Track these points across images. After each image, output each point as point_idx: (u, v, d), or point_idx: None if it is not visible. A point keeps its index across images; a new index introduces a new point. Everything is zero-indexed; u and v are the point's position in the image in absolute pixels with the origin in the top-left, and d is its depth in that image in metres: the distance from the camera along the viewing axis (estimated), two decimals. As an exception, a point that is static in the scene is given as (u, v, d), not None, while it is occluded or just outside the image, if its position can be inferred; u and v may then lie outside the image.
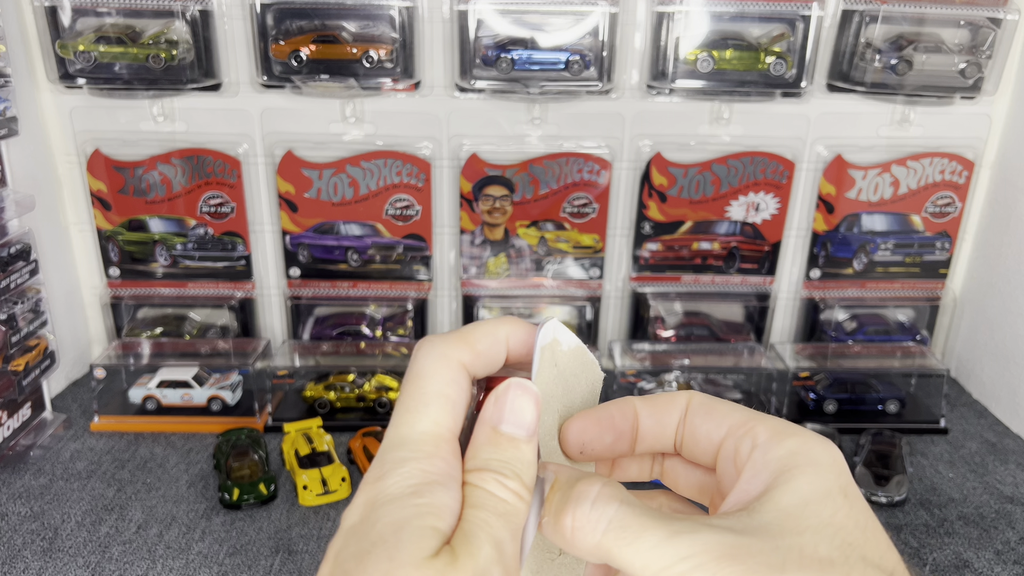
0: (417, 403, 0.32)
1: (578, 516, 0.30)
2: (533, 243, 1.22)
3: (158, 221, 1.19)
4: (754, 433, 0.32)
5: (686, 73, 1.10)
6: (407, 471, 0.30)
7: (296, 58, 1.07)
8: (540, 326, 0.36)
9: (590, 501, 0.30)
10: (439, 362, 0.33)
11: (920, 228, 1.23)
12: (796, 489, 0.30)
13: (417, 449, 0.31)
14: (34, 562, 0.82)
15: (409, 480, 0.29)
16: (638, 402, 0.37)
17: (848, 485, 0.31)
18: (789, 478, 0.30)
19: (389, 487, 0.29)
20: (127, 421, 1.10)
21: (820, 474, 0.30)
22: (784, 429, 0.32)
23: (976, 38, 1.11)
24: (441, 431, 0.32)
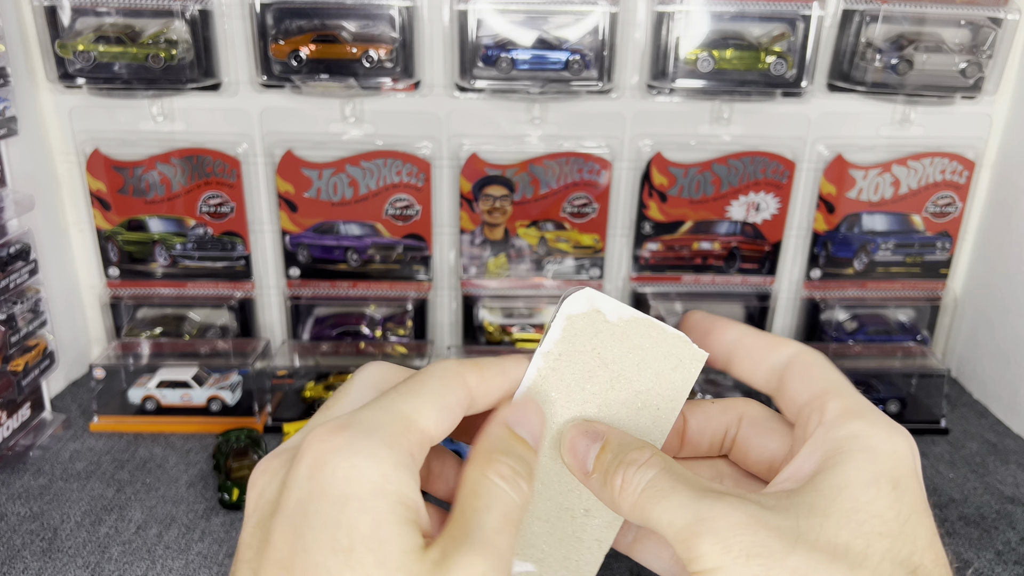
0: (410, 390, 0.32)
1: (627, 477, 0.32)
2: (533, 243, 1.22)
3: (157, 221, 1.19)
4: (824, 409, 0.32)
5: (686, 73, 1.10)
6: (376, 450, 0.28)
7: (296, 58, 1.07)
8: (567, 293, 0.34)
9: (637, 465, 0.32)
10: (448, 371, 0.33)
11: (921, 228, 1.23)
12: (841, 473, 0.30)
13: (392, 427, 0.30)
14: (33, 562, 0.82)
15: (379, 464, 0.28)
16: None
17: (904, 477, 0.30)
18: (838, 461, 0.30)
19: (355, 466, 0.28)
20: (126, 421, 1.09)
21: (873, 461, 0.30)
22: (854, 408, 0.32)
23: (977, 38, 1.11)
24: (425, 424, 0.31)
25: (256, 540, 0.29)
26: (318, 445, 0.28)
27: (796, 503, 0.29)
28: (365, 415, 0.30)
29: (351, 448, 0.28)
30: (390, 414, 0.30)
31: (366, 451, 0.28)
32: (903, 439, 0.31)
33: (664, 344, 0.35)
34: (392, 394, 0.31)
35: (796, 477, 0.31)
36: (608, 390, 0.35)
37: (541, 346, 0.35)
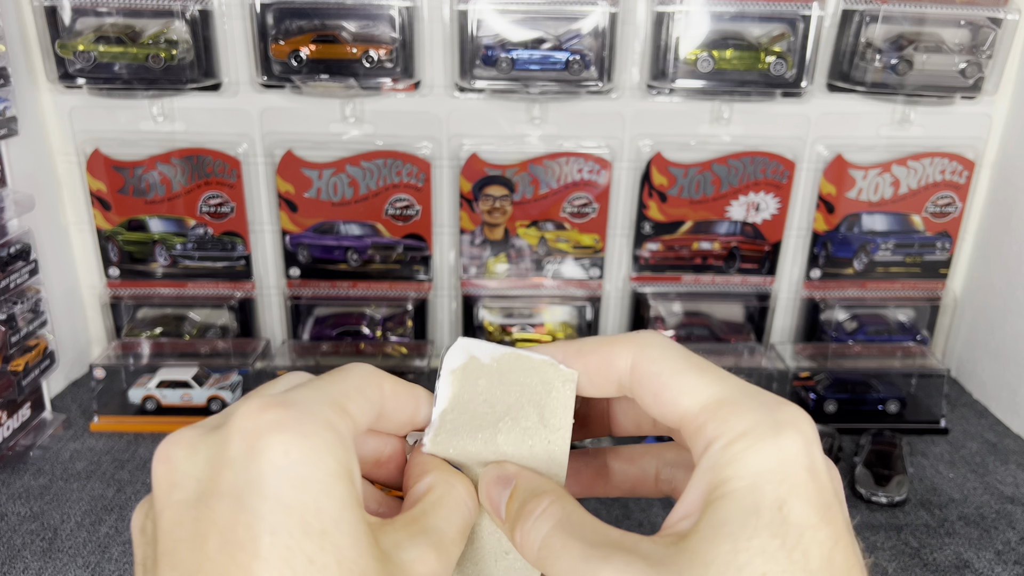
0: (334, 379, 0.31)
1: (524, 531, 0.31)
2: (533, 243, 1.22)
3: (158, 221, 1.19)
4: (702, 429, 0.30)
5: (686, 73, 1.10)
6: (323, 431, 0.28)
7: (296, 58, 1.07)
8: (445, 351, 0.35)
9: (533, 518, 0.31)
10: (367, 371, 0.33)
11: (920, 228, 1.23)
12: (721, 509, 0.28)
13: (329, 409, 0.29)
14: (34, 562, 0.82)
15: (331, 445, 0.28)
16: (568, 357, 0.35)
17: (792, 488, 0.27)
18: (718, 495, 0.28)
19: (310, 447, 0.27)
20: (127, 421, 1.09)
21: (752, 487, 0.27)
22: (730, 420, 0.29)
23: (976, 38, 1.11)
24: (353, 411, 0.31)
25: (188, 521, 0.27)
26: (256, 422, 0.27)
27: (682, 551, 0.28)
28: (298, 396, 0.29)
29: (300, 428, 0.27)
30: (324, 396, 0.29)
31: (315, 432, 0.27)
32: (790, 436, 0.28)
33: (535, 372, 0.35)
34: (317, 381, 0.31)
35: (688, 515, 0.30)
36: (498, 433, 0.34)
37: (435, 405, 0.35)
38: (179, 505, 0.27)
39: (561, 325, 1.27)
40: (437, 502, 0.32)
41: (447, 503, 0.32)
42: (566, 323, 1.27)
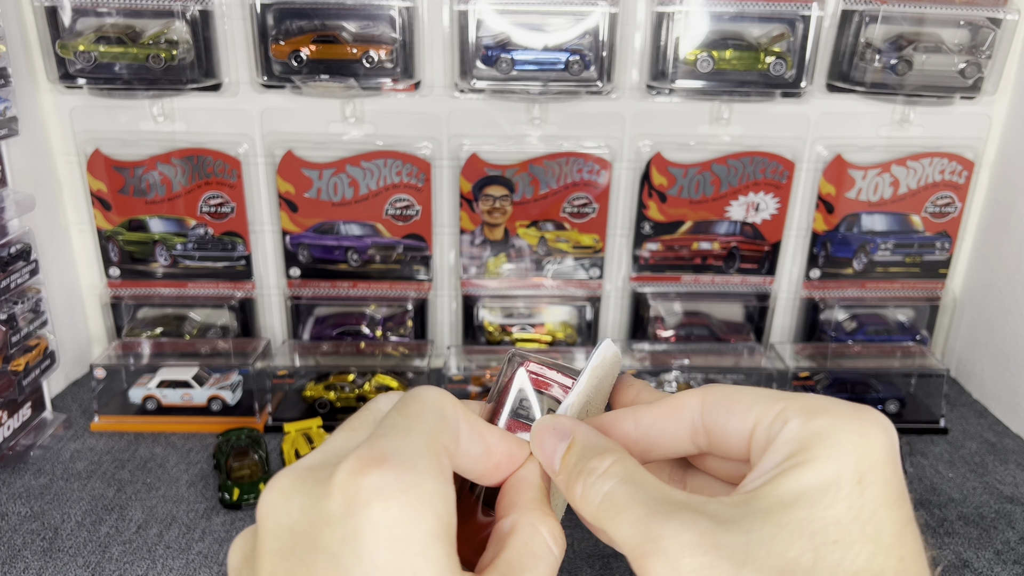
0: (441, 417, 0.32)
1: (586, 487, 0.31)
2: (533, 243, 1.22)
3: (158, 221, 1.19)
4: (784, 416, 0.30)
5: (686, 73, 1.10)
6: (423, 485, 0.28)
7: (296, 58, 1.07)
8: (598, 346, 0.38)
9: (596, 475, 0.31)
10: (474, 421, 0.34)
11: (920, 228, 1.23)
12: (800, 475, 0.28)
13: (430, 456, 0.29)
14: (34, 562, 0.82)
15: (429, 502, 0.28)
16: (638, 414, 0.36)
17: (872, 469, 0.28)
18: (798, 463, 0.29)
19: (407, 505, 0.27)
20: (127, 421, 1.10)
21: (833, 459, 0.28)
22: (817, 407, 0.30)
23: (976, 38, 1.11)
24: (456, 452, 0.32)
25: (283, 574, 0.27)
26: (356, 481, 0.27)
27: (753, 512, 0.28)
28: (396, 445, 0.28)
29: (399, 484, 0.27)
30: (422, 440, 0.29)
31: (416, 486, 0.27)
32: (875, 427, 0.29)
33: (617, 367, 0.40)
34: (410, 420, 0.31)
35: (756, 482, 0.30)
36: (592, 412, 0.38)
37: (575, 391, 0.37)
38: (275, 556, 0.28)
39: (561, 325, 1.27)
40: (523, 547, 0.32)
41: (532, 548, 0.32)
42: (566, 323, 1.28)
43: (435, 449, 0.30)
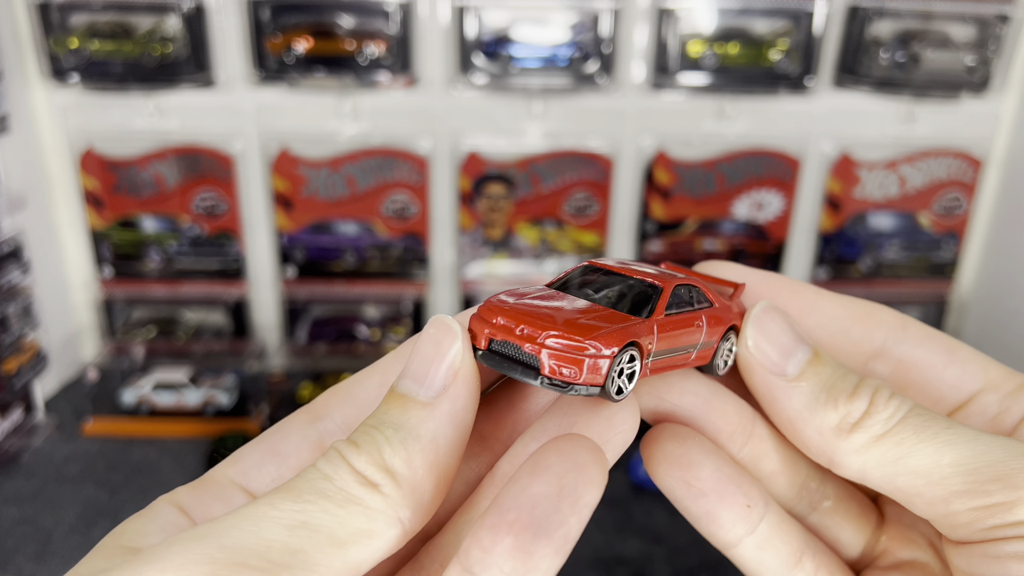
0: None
1: (876, 407, 0.30)
2: (533, 242, 1.20)
3: (151, 220, 1.17)
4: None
5: (690, 69, 1.08)
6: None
7: (292, 54, 1.06)
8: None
9: (887, 396, 0.31)
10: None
11: (927, 227, 1.21)
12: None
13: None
14: (27, 566, 0.81)
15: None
16: (822, 300, 0.35)
17: None
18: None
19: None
20: (120, 424, 1.08)
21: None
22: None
23: (984, 34, 1.09)
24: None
25: None
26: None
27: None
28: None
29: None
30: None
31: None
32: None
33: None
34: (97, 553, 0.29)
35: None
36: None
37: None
38: None
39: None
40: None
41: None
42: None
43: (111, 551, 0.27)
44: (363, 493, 0.26)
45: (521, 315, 0.31)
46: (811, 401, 0.31)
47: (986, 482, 0.27)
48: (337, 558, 0.26)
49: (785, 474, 0.36)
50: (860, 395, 0.30)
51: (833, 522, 0.37)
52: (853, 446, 0.30)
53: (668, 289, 0.33)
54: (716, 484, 0.33)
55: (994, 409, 0.32)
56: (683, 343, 0.33)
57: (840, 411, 0.30)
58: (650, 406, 0.35)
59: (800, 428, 0.31)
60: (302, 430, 0.33)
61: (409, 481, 0.27)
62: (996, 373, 0.33)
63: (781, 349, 0.32)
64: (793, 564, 0.33)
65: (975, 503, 0.27)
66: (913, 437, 0.29)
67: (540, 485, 0.25)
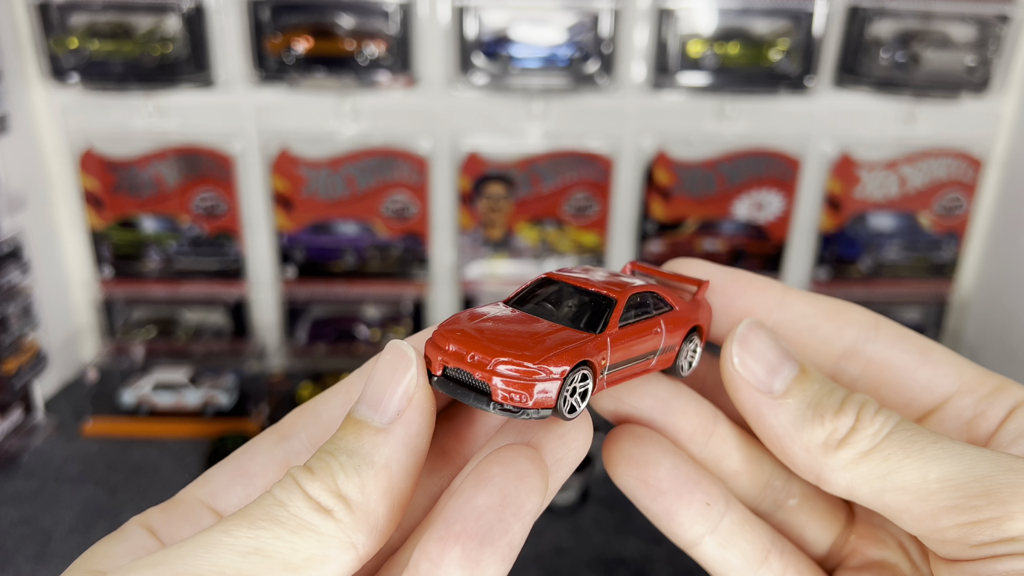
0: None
1: (863, 424, 0.30)
2: (533, 242, 1.20)
3: (151, 220, 1.17)
4: (1008, 398, 0.31)
5: (690, 69, 1.08)
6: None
7: (292, 54, 1.05)
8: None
9: (873, 412, 0.31)
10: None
11: (927, 227, 1.21)
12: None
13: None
14: (26, 566, 0.81)
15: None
16: (789, 297, 0.35)
17: None
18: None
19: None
20: (120, 424, 1.08)
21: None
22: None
23: (983, 35, 1.09)
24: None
25: None
26: None
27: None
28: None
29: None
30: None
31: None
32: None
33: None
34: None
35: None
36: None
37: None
38: None
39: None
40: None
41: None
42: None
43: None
44: (316, 519, 0.27)
45: (472, 341, 0.31)
46: (797, 418, 0.31)
47: (973, 497, 0.27)
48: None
49: (748, 472, 0.36)
50: (846, 411, 0.30)
51: (799, 520, 0.37)
52: (840, 462, 0.30)
53: (622, 301, 0.33)
54: (674, 483, 0.33)
55: (969, 413, 0.32)
56: (641, 351, 0.33)
57: (827, 427, 0.30)
58: (610, 408, 0.35)
59: (787, 445, 0.31)
60: (269, 450, 0.34)
61: (363, 507, 0.28)
62: (971, 375, 0.32)
63: (767, 366, 0.32)
64: (759, 563, 0.33)
65: (963, 519, 0.27)
66: (899, 452, 0.29)
67: (484, 496, 0.26)
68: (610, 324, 0.32)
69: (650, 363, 0.34)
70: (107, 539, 0.32)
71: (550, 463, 0.29)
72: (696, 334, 0.36)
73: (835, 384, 0.32)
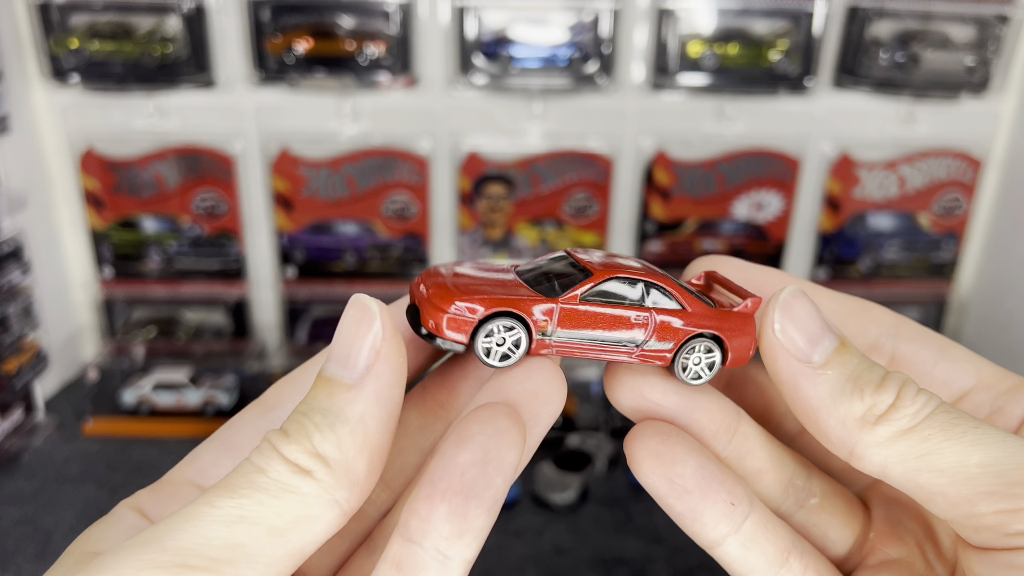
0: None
1: (903, 401, 0.30)
2: (533, 242, 1.20)
3: (152, 220, 1.17)
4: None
5: (690, 69, 1.08)
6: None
7: (292, 54, 1.06)
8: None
9: (915, 391, 0.30)
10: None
11: (927, 227, 1.21)
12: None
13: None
14: (27, 566, 0.81)
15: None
16: (819, 295, 0.35)
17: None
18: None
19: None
20: (120, 424, 1.08)
21: None
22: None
23: (983, 35, 1.09)
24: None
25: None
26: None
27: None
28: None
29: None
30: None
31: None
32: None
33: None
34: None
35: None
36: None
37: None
38: None
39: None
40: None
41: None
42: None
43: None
44: (297, 481, 0.27)
45: (439, 286, 0.32)
46: (836, 390, 0.30)
47: (1015, 484, 0.26)
48: (278, 546, 0.27)
49: (771, 472, 0.36)
50: (887, 387, 0.30)
51: (820, 520, 0.36)
52: (877, 439, 0.29)
53: (598, 278, 0.33)
54: (699, 481, 0.32)
55: (987, 408, 0.32)
56: (607, 335, 0.33)
57: (866, 402, 0.30)
58: (632, 404, 0.35)
59: (823, 417, 0.31)
60: (254, 422, 0.35)
61: (341, 464, 0.28)
62: (989, 372, 0.33)
63: (808, 335, 0.31)
64: (780, 564, 0.33)
65: (1002, 506, 0.27)
66: (940, 434, 0.28)
67: (466, 454, 0.27)
68: (568, 294, 0.33)
69: (622, 351, 0.34)
70: (99, 523, 0.32)
71: (526, 419, 0.30)
72: (705, 342, 0.34)
73: (874, 361, 0.31)
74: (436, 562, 0.27)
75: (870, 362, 0.31)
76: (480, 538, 0.27)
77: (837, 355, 0.31)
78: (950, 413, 0.29)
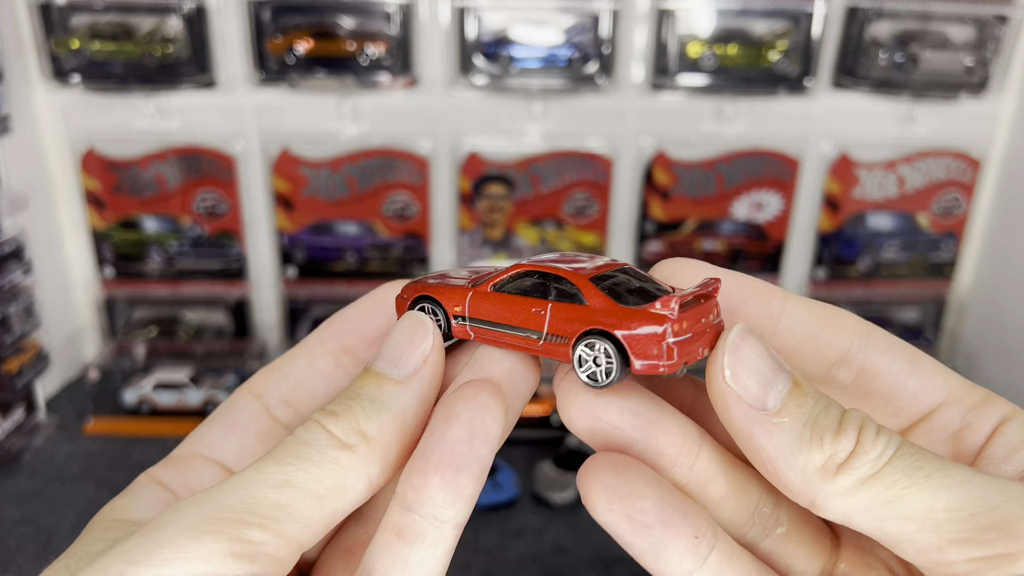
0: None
1: (863, 447, 0.29)
2: (533, 242, 1.21)
3: (153, 220, 1.18)
4: (993, 411, 0.31)
5: (689, 70, 1.08)
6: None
7: (293, 54, 1.06)
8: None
9: (875, 433, 0.29)
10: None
11: (926, 227, 1.22)
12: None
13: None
14: (28, 566, 0.81)
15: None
16: (790, 304, 0.34)
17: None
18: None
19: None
20: (121, 423, 1.08)
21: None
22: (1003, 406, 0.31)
23: (982, 35, 1.10)
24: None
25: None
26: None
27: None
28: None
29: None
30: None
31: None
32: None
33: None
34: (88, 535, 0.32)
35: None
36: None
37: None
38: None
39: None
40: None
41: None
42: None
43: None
44: (338, 453, 0.31)
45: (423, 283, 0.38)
46: (793, 439, 0.29)
47: (984, 530, 0.25)
48: (317, 509, 0.30)
49: (736, 499, 0.34)
50: (846, 431, 0.28)
51: (787, 550, 0.35)
52: (839, 489, 0.28)
53: (511, 270, 0.36)
54: (660, 515, 0.30)
55: (956, 424, 0.31)
56: (518, 324, 0.34)
57: (826, 451, 0.28)
58: (586, 425, 0.33)
59: (781, 468, 0.29)
60: (250, 405, 0.39)
61: (380, 443, 0.31)
62: (957, 386, 0.32)
63: (760, 379, 0.30)
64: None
65: (973, 553, 0.26)
66: (904, 479, 0.27)
67: (455, 430, 0.30)
68: (480, 284, 0.36)
69: (534, 342, 0.34)
70: (122, 495, 0.35)
71: (507, 394, 0.33)
72: (601, 340, 0.32)
73: (828, 397, 0.30)
74: (432, 527, 0.30)
75: (826, 401, 0.30)
76: (470, 503, 0.30)
77: (792, 398, 0.29)
78: (912, 455, 0.28)
